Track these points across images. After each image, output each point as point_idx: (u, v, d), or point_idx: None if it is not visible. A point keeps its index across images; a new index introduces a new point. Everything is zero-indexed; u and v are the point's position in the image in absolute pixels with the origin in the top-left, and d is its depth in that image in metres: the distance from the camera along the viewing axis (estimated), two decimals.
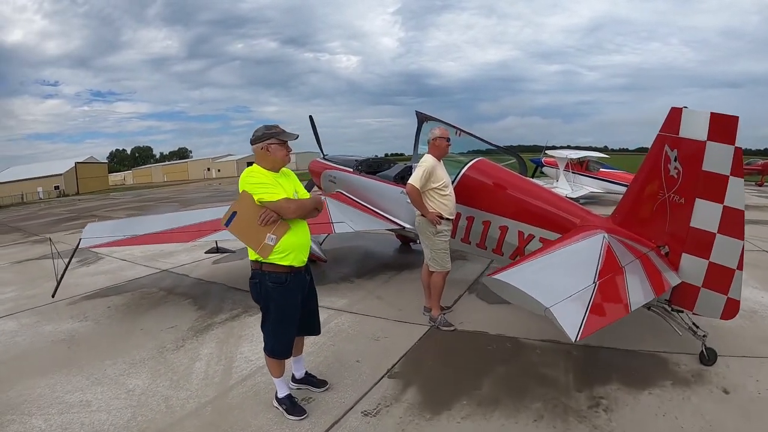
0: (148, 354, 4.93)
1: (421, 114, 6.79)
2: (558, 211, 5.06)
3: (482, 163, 5.87)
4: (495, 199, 5.47)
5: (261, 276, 3.50)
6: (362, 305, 6.17)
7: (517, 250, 5.25)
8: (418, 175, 5.02)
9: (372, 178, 7.84)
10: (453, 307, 5.93)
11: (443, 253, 5.21)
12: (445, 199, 5.12)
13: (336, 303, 6.26)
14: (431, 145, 5.25)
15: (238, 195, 3.44)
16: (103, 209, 26.59)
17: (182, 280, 7.98)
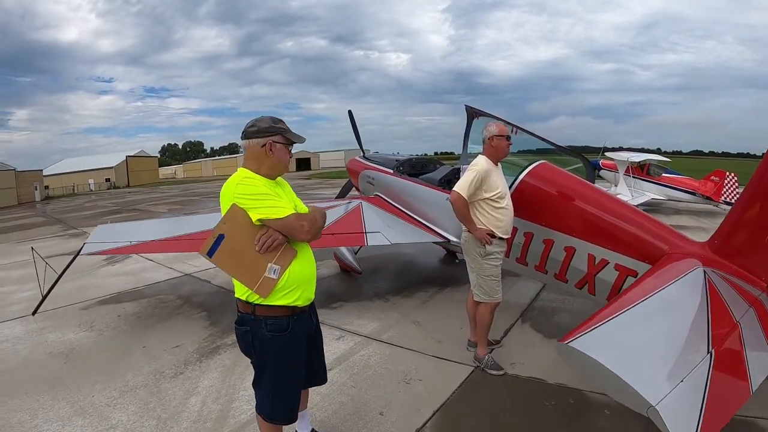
0: (142, 380, 4.34)
1: (472, 109, 5.92)
2: (640, 231, 4.04)
3: (544, 167, 4.86)
4: (560, 213, 4.50)
5: (254, 323, 2.58)
6: (395, 332, 5.28)
7: (585, 277, 4.28)
8: (467, 181, 4.12)
9: (413, 181, 6.93)
10: (503, 341, 4.97)
11: (493, 281, 4.27)
12: (499, 212, 4.19)
13: (365, 327, 5.41)
14: (487, 145, 4.31)
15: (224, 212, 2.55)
16: (147, 203, 26.82)
17: (202, 288, 7.37)
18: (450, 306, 6.01)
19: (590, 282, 4.25)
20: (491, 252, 4.19)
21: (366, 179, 8.44)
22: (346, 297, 6.50)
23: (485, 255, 4.20)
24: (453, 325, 5.26)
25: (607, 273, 4.10)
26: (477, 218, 4.21)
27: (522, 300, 6.25)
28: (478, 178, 4.10)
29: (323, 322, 5.55)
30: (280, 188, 2.69)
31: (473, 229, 4.18)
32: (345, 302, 6.28)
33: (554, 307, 5.97)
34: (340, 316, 5.75)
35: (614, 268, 4.06)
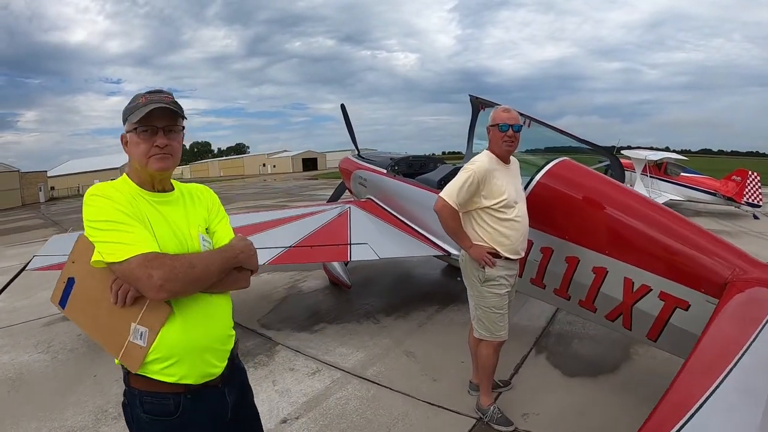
0: (80, 422, 3.59)
1: (477, 99, 4.98)
2: (695, 249, 3.08)
3: (566, 165, 3.91)
4: (588, 224, 3.55)
5: (130, 396, 1.68)
6: (383, 366, 4.36)
7: (619, 307, 3.33)
8: (457, 184, 3.20)
9: (408, 182, 5.99)
10: (513, 382, 4.03)
11: (495, 314, 3.33)
12: (505, 226, 3.24)
13: (347, 359, 4.50)
14: (489, 137, 3.36)
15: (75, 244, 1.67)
16: None
17: None
18: (451, 331, 5.07)
19: (625, 313, 3.32)
20: (493, 277, 3.26)
21: (358, 180, 7.55)
22: (331, 317, 5.62)
23: (485, 281, 3.28)
24: (453, 358, 4.36)
25: (649, 303, 3.17)
26: (474, 233, 3.30)
27: (535, 323, 5.30)
28: (473, 180, 3.17)
29: (299, 350, 4.70)
30: (172, 205, 1.78)
31: (467, 246, 3.28)
32: (328, 324, 5.39)
33: (574, 332, 5.03)
34: (321, 343, 4.87)
35: (658, 296, 3.11)
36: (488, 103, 5.03)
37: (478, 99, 5.06)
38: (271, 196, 25.75)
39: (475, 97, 5.09)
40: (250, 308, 5.97)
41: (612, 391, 3.84)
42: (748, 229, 12.15)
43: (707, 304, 2.85)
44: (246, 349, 4.73)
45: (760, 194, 13.89)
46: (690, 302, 2.99)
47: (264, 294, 6.58)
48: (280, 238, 5.08)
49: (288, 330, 5.24)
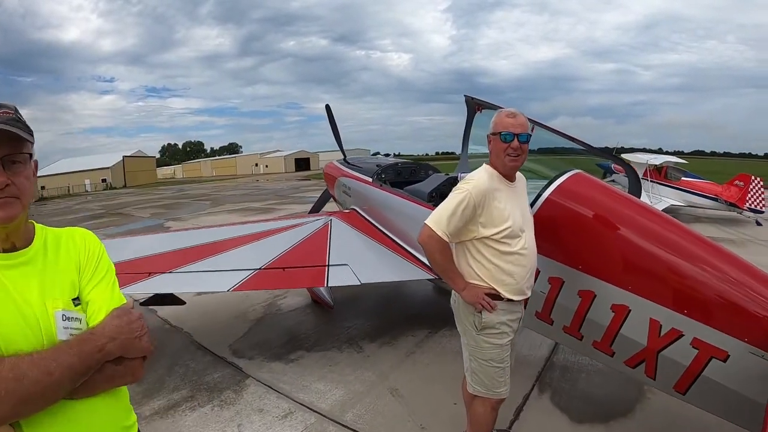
0: None
1: (473, 100, 4.47)
2: (737, 289, 2.54)
3: (580, 179, 3.32)
4: (607, 252, 2.98)
5: None
6: (364, 407, 3.79)
7: (643, 352, 2.79)
8: (448, 209, 2.56)
9: (396, 193, 5.33)
10: (513, 429, 3.48)
11: (494, 368, 2.72)
12: (509, 260, 2.61)
13: (325, 397, 3.94)
14: (490, 148, 2.73)
15: None
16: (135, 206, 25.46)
17: (146, 320, 5.77)
18: (442, 362, 4.51)
19: (649, 360, 2.78)
20: (492, 324, 2.64)
21: (342, 189, 6.96)
22: (310, 342, 5.02)
23: (482, 328, 2.66)
24: (444, 398, 3.80)
25: (679, 350, 2.63)
26: (470, 269, 2.68)
27: (537, 352, 4.72)
28: (468, 203, 2.54)
29: (272, 385, 4.04)
30: (8, 274, 1.20)
31: (459, 287, 2.66)
32: (306, 352, 4.80)
33: (581, 365, 4.46)
34: (296, 376, 4.30)
35: (691, 343, 2.58)
36: (485, 105, 4.51)
37: (474, 100, 4.54)
38: (260, 199, 25.08)
39: (471, 98, 4.56)
40: (222, 330, 5.40)
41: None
42: (753, 237, 11.67)
43: (750, 356, 2.38)
44: (213, 381, 4.20)
45: (763, 200, 13.46)
46: (729, 352, 2.47)
47: (240, 312, 5.97)
48: (249, 257, 4.51)
49: (261, 359, 4.66)
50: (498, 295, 2.61)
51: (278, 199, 24.23)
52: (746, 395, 2.45)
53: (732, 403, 2.54)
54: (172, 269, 4.20)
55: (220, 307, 6.11)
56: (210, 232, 5.37)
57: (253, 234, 5.14)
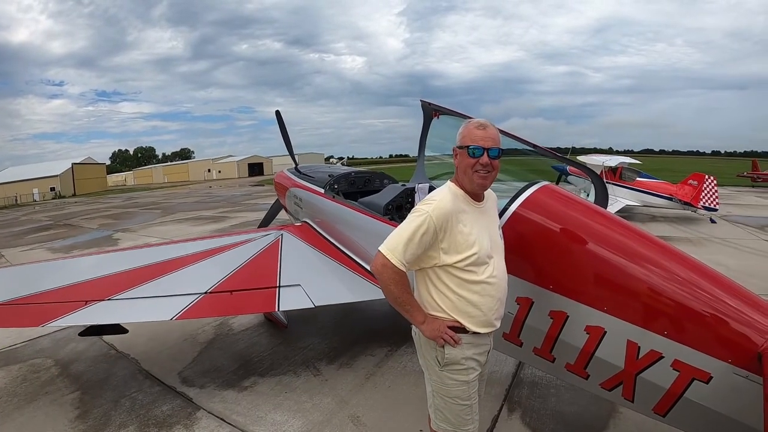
0: None
1: (430, 105, 4.30)
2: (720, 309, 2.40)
3: (548, 191, 3.12)
4: (579, 270, 2.78)
5: None
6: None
7: (620, 375, 2.63)
8: (404, 234, 2.25)
9: (350, 206, 5.00)
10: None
11: (461, 406, 2.42)
12: (475, 290, 2.32)
13: (281, 429, 3.63)
14: (456, 163, 2.41)
15: None
16: (83, 216, 24.43)
17: (90, 346, 5.39)
18: (405, 383, 4.26)
19: (627, 383, 2.62)
20: (456, 360, 2.36)
21: (293, 200, 6.64)
22: (264, 368, 4.69)
23: (445, 364, 2.38)
24: (409, 425, 3.56)
25: (659, 372, 2.48)
26: (430, 298, 2.39)
27: (503, 369, 4.53)
28: (427, 228, 2.23)
29: (224, 417, 3.69)
30: None
31: (418, 320, 2.36)
32: (260, 377, 4.48)
33: (548, 380, 4.28)
34: (250, 405, 3.98)
35: (672, 366, 2.44)
36: (443, 110, 4.31)
37: (431, 105, 4.35)
38: (213, 206, 24.32)
39: (428, 103, 4.37)
40: (171, 355, 5.02)
41: None
42: (709, 236, 11.90)
43: (734, 377, 2.27)
44: (162, 416, 3.86)
45: (716, 198, 13.80)
46: (712, 374, 2.34)
47: (189, 334, 5.57)
48: (194, 279, 4.15)
49: (213, 387, 4.32)
50: (463, 328, 2.34)
51: (231, 207, 23.62)
52: (731, 416, 2.35)
53: (716, 424, 2.42)
54: (111, 296, 3.83)
55: (169, 329, 5.69)
56: (154, 251, 4.96)
57: (200, 252, 4.75)
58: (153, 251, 4.94)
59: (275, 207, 8.26)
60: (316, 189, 5.90)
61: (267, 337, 5.53)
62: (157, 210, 24.78)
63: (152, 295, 3.92)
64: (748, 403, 2.21)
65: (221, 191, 39.01)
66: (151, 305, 3.82)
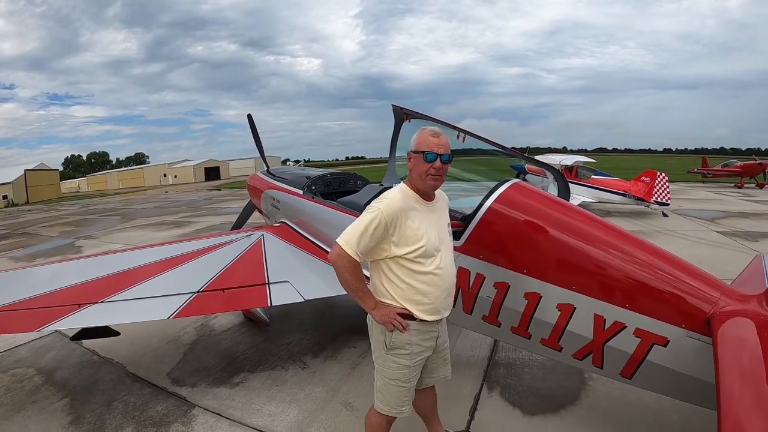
0: None
1: (401, 110, 4.59)
2: (672, 283, 2.82)
3: (520, 188, 3.52)
4: (549, 255, 3.16)
5: None
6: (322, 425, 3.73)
7: (589, 345, 3.01)
8: (359, 229, 2.52)
9: (330, 205, 5.23)
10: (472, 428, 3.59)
11: (400, 388, 2.73)
12: (423, 280, 2.61)
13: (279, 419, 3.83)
14: (410, 166, 2.70)
15: None
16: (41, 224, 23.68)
17: (71, 353, 5.38)
18: None
19: (596, 352, 3.01)
20: (401, 344, 2.65)
21: (270, 201, 6.81)
22: (252, 364, 4.86)
23: (391, 348, 2.66)
24: None
25: (623, 340, 2.88)
26: (383, 287, 2.67)
27: (479, 353, 4.89)
28: (379, 223, 2.50)
29: (221, 413, 3.87)
30: None
31: (369, 306, 2.63)
32: (250, 373, 4.65)
33: (522, 360, 4.68)
34: (245, 400, 4.15)
35: (634, 333, 2.84)
36: (413, 114, 4.60)
37: (402, 110, 4.63)
38: (173, 211, 23.82)
39: (400, 108, 4.65)
40: (156, 358, 5.10)
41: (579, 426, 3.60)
42: (661, 228, 12.62)
43: (688, 340, 2.70)
44: (158, 416, 3.94)
45: (668, 193, 14.58)
46: (669, 338, 2.75)
47: (171, 336, 5.66)
48: (185, 280, 4.26)
49: (204, 385, 4.44)
50: (411, 315, 2.62)
51: (192, 211, 23.22)
52: (688, 374, 2.73)
53: (675, 381, 2.81)
54: (104, 299, 3.91)
55: (150, 333, 5.76)
56: (139, 254, 5.02)
57: (186, 254, 4.87)
58: (139, 254, 5.01)
59: (248, 209, 8.38)
60: (294, 190, 6.09)
61: (250, 335, 5.67)
62: (116, 216, 24.22)
63: (145, 296, 4.00)
64: (702, 361, 2.58)
65: (179, 196, 38.29)
66: (145, 306, 3.90)
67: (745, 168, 28.53)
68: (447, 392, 3.99)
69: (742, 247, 10.26)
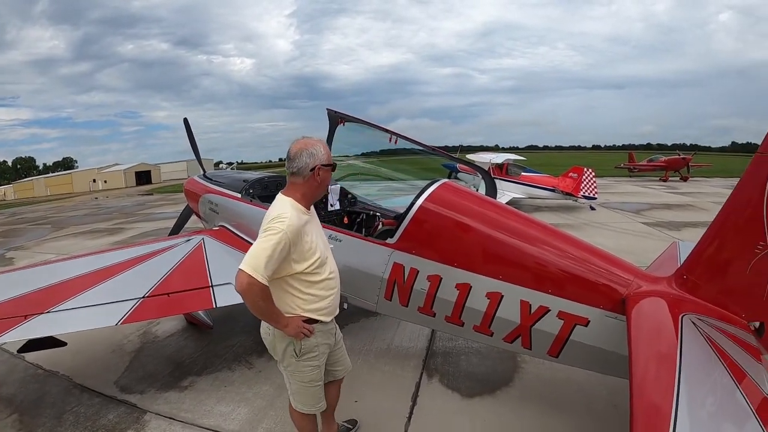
0: None
1: (336, 113, 4.75)
2: (590, 269, 3.20)
3: (448, 188, 3.83)
4: (478, 249, 3.49)
5: None
6: (273, 421, 3.86)
7: (518, 329, 3.34)
8: (265, 254, 2.47)
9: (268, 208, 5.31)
10: (415, 412, 3.85)
11: (316, 387, 2.94)
12: (321, 287, 2.77)
13: (231, 419, 3.93)
14: (309, 179, 2.75)
15: None
16: None
17: (14, 368, 5.22)
18: None
19: (524, 335, 3.33)
20: (311, 348, 2.80)
21: (208, 205, 6.80)
22: (198, 367, 4.92)
23: (303, 354, 2.79)
24: (344, 397, 3.95)
25: (548, 323, 3.22)
26: (285, 304, 2.73)
27: (417, 344, 5.18)
28: (285, 245, 2.51)
29: (173, 416, 3.96)
30: None
31: (282, 324, 2.67)
32: (197, 377, 4.71)
33: (458, 349, 5.00)
34: (195, 402, 4.22)
35: (557, 316, 3.18)
36: (348, 118, 4.80)
37: (337, 113, 4.83)
38: (105, 218, 22.89)
39: (334, 112, 4.85)
40: (102, 367, 5.04)
41: (515, 405, 3.94)
42: (589, 221, 13.37)
43: (606, 319, 3.05)
44: (110, 424, 3.94)
45: (595, 188, 15.39)
46: (590, 318, 3.10)
47: (115, 345, 5.61)
48: (128, 286, 4.27)
49: (153, 391, 4.47)
50: (314, 320, 2.78)
51: (125, 218, 22.41)
52: (608, 349, 3.07)
53: (597, 356, 3.17)
54: (50, 308, 3.85)
55: (93, 342, 5.66)
56: (80, 263, 4.95)
57: (128, 260, 4.85)
58: (80, 262, 4.95)
59: (185, 213, 8.31)
60: (232, 194, 6.15)
61: (193, 340, 5.70)
62: (46, 225, 23.15)
63: (91, 303, 3.96)
64: (620, 337, 2.88)
65: (110, 202, 36.70)
66: (92, 313, 3.87)
67: (669, 162, 30.35)
68: (389, 382, 4.28)
69: (665, 236, 11.04)
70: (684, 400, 1.87)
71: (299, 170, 2.72)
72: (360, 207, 5.63)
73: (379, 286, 3.92)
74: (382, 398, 4.07)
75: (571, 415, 3.79)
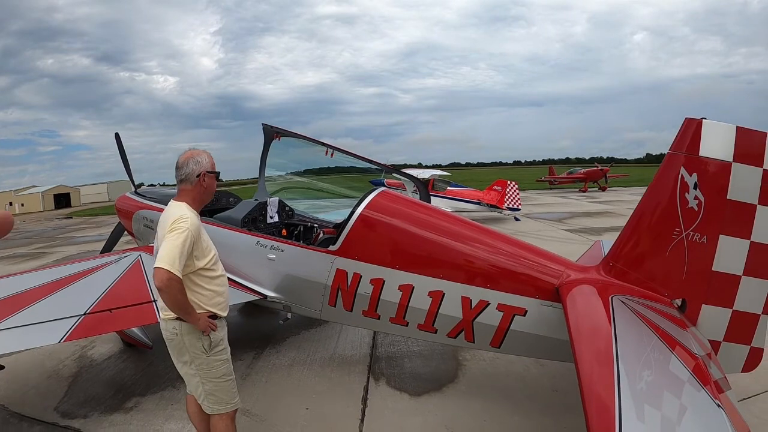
0: None
1: (271, 128, 4.93)
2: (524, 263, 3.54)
3: (386, 195, 4.06)
4: (417, 251, 3.74)
5: None
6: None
7: (460, 324, 3.59)
8: (175, 249, 2.65)
9: (207, 222, 5.13)
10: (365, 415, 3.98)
11: (229, 381, 3.07)
12: (217, 283, 3.01)
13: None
14: (196, 185, 3.00)
15: None
16: None
17: None
18: (279, 378, 4.74)
19: (467, 329, 3.58)
20: (218, 341, 2.95)
21: (142, 222, 6.68)
22: (142, 387, 4.82)
23: (212, 348, 2.92)
24: (294, 408, 4.11)
25: (489, 316, 3.49)
26: (192, 300, 2.86)
27: (360, 351, 5.35)
28: (190, 241, 2.74)
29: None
30: None
31: (196, 318, 2.80)
32: (142, 397, 4.62)
33: (400, 352, 5.24)
34: (143, 422, 4.14)
35: (497, 308, 3.46)
36: (284, 133, 4.94)
37: (273, 128, 4.97)
38: (25, 243, 21.54)
39: (270, 126, 4.98)
40: (39, 393, 4.84)
41: (462, 399, 4.17)
42: (515, 230, 14.04)
43: (543, 308, 3.36)
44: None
45: (519, 200, 16.15)
46: (527, 309, 3.39)
47: (50, 371, 5.37)
48: (68, 304, 4.12)
49: (97, 414, 4.32)
50: (215, 315, 2.96)
51: (46, 242, 21.10)
52: (547, 336, 3.37)
53: (537, 343, 3.46)
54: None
55: (27, 369, 5.44)
56: (12, 281, 4.77)
57: (63, 278, 4.68)
58: (10, 281, 4.76)
59: (117, 231, 8.08)
60: None
61: (133, 361, 5.55)
62: None
63: (30, 322, 3.77)
64: (556, 323, 3.21)
65: (29, 226, 34.31)
66: (32, 332, 3.72)
67: (588, 174, 32.36)
68: (338, 388, 4.40)
69: (587, 240, 11.87)
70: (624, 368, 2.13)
71: (187, 176, 2.97)
72: (298, 219, 5.72)
73: (322, 292, 4.06)
74: (332, 404, 4.17)
75: (515, 402, 4.07)
